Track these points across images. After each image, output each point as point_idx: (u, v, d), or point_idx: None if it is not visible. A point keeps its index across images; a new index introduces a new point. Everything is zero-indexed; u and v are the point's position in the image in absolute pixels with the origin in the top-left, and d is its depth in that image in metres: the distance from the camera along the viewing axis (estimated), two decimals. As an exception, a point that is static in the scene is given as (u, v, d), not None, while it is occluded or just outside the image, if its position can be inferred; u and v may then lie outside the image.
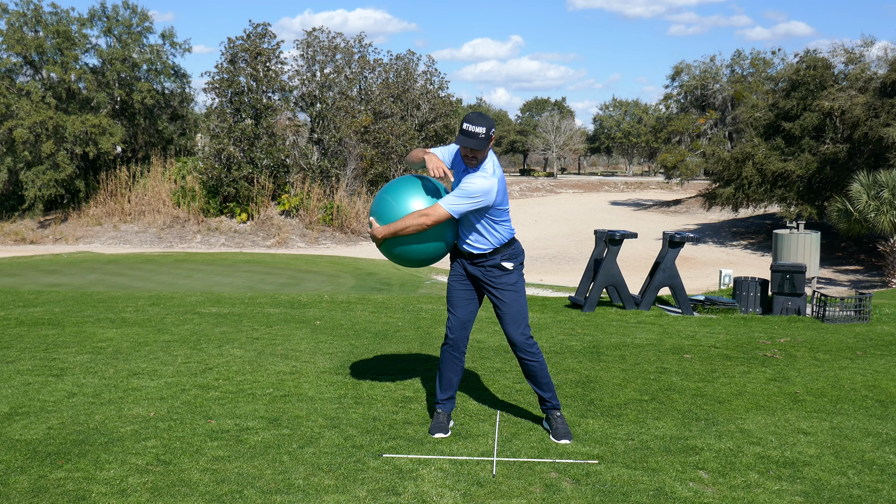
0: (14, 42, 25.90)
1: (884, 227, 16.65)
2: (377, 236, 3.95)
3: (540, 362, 4.02)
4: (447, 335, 4.10)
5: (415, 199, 3.96)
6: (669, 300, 9.05)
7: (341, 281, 15.29)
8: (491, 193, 3.83)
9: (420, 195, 3.98)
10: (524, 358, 4.02)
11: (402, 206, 3.95)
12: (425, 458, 3.65)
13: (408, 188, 4.01)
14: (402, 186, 4.03)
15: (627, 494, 3.28)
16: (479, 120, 3.80)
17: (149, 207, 26.14)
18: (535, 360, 4.01)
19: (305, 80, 28.48)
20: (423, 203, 3.95)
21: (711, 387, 5.06)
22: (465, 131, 3.78)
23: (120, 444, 3.80)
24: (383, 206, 3.99)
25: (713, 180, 30.33)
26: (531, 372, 4.04)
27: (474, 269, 4.02)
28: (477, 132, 3.77)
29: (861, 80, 24.89)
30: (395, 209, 3.95)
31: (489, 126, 3.81)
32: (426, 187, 4.02)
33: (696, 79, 41.62)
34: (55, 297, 9.26)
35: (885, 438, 4.09)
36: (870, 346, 6.59)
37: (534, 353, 4.01)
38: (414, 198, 3.97)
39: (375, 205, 4.06)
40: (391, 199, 4.00)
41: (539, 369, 4.02)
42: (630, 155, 77.04)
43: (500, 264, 3.98)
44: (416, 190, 4.00)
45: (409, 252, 4.01)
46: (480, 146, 3.78)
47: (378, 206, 4.03)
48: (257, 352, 5.92)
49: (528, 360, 4.01)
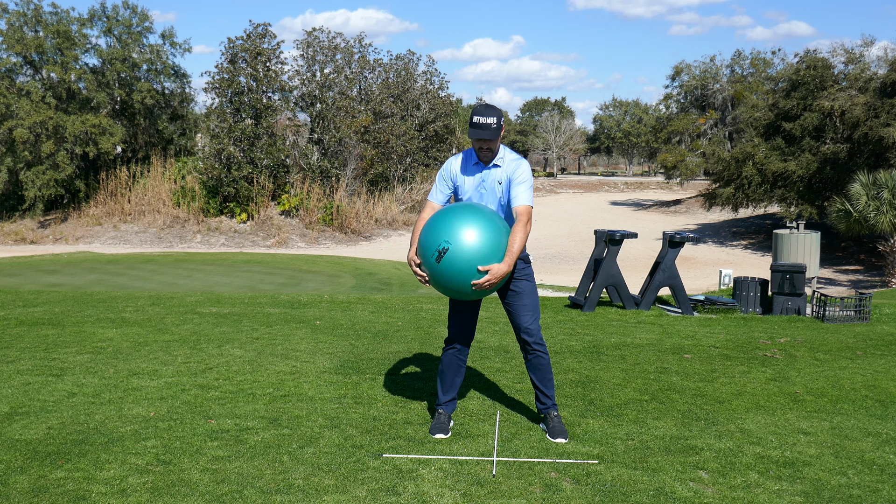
0: (14, 42, 25.90)
1: (884, 227, 16.65)
2: (507, 271, 3.66)
3: (548, 357, 4.03)
4: (453, 338, 4.05)
5: (496, 220, 3.72)
6: (669, 300, 9.05)
7: (341, 281, 15.29)
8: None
9: (491, 214, 3.74)
10: (537, 350, 3.98)
11: (499, 233, 3.67)
12: (425, 458, 3.65)
13: (465, 219, 3.66)
14: (459, 221, 3.66)
15: (627, 494, 3.28)
16: (488, 111, 3.78)
17: (149, 207, 26.13)
18: (545, 354, 4.01)
19: (305, 80, 28.48)
20: (486, 221, 3.67)
21: (711, 387, 5.06)
22: (476, 123, 3.76)
23: (120, 444, 3.80)
24: (490, 245, 3.61)
25: (713, 180, 30.31)
26: (540, 366, 4.01)
27: None
28: (488, 122, 3.75)
29: (861, 80, 24.88)
30: (500, 240, 3.66)
31: (499, 115, 3.79)
32: (481, 208, 3.77)
33: (696, 79, 41.61)
34: (55, 297, 9.26)
35: (885, 438, 4.09)
36: (870, 346, 6.59)
37: (544, 347, 4.01)
38: (494, 219, 3.71)
39: (478, 251, 3.59)
40: (490, 234, 3.63)
41: (547, 364, 4.02)
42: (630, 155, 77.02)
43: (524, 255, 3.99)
44: (484, 213, 3.72)
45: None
46: (493, 136, 3.76)
47: (483, 248, 3.60)
48: (257, 352, 5.92)
49: (540, 352, 3.98)
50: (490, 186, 3.91)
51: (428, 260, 3.68)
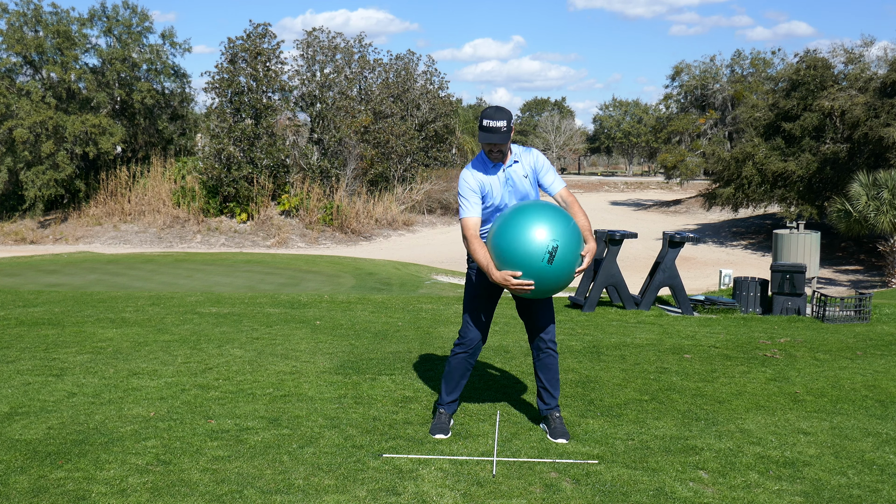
0: (14, 42, 25.90)
1: (884, 227, 16.65)
2: (595, 248, 3.78)
3: (557, 357, 4.07)
4: (466, 343, 4.01)
5: (553, 205, 3.75)
6: (669, 300, 9.05)
7: (341, 281, 15.29)
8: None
9: (542, 202, 3.77)
10: (550, 349, 4.01)
11: (567, 219, 3.71)
12: (425, 458, 3.65)
13: (528, 215, 3.68)
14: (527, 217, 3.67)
15: (627, 494, 3.28)
16: (498, 114, 3.77)
17: (149, 207, 26.14)
18: (556, 354, 4.05)
19: (305, 80, 28.48)
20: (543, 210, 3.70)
21: (711, 387, 5.06)
22: (487, 127, 3.75)
23: (120, 444, 3.80)
24: (571, 234, 3.65)
25: (713, 180, 30.32)
26: (550, 366, 4.03)
27: None
28: (499, 126, 3.75)
29: (861, 80, 24.89)
30: (573, 225, 3.70)
31: (508, 118, 3.79)
32: (534, 202, 3.80)
33: (696, 79, 41.61)
34: (55, 297, 9.26)
35: (885, 438, 4.09)
36: (870, 346, 6.59)
37: (556, 346, 4.06)
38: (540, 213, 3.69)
39: (578, 238, 3.68)
40: (567, 219, 3.69)
41: (557, 365, 4.05)
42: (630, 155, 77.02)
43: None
44: (530, 211, 3.72)
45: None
46: (504, 140, 3.77)
47: (577, 233, 3.68)
48: (257, 352, 5.92)
49: (553, 351, 4.02)
50: (517, 182, 3.91)
51: (537, 267, 3.62)
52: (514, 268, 3.64)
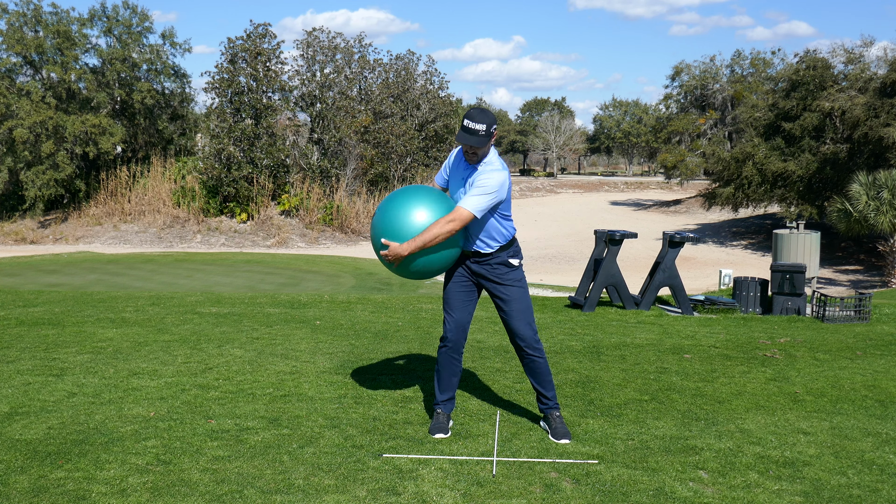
0: (14, 42, 25.90)
1: (884, 227, 16.66)
2: (403, 254, 3.70)
3: (544, 360, 4.03)
4: (445, 337, 4.06)
5: (427, 209, 3.77)
6: (669, 300, 9.05)
7: (341, 281, 15.29)
8: (505, 186, 3.79)
9: (430, 204, 3.79)
10: (531, 354, 3.99)
11: (418, 219, 3.73)
12: (425, 458, 3.65)
13: (415, 199, 3.79)
14: (408, 198, 3.80)
15: (627, 494, 3.28)
16: (480, 116, 3.75)
17: (149, 207, 26.14)
18: (540, 357, 4.00)
19: (305, 80, 28.48)
20: (434, 211, 3.77)
21: (711, 387, 5.06)
22: (466, 128, 3.75)
23: (120, 444, 3.80)
24: (398, 223, 3.73)
25: (713, 180, 30.33)
26: (536, 369, 4.02)
27: (480, 268, 3.98)
28: (477, 129, 3.73)
29: (861, 80, 24.89)
30: (413, 223, 3.72)
31: (490, 122, 3.76)
32: (431, 195, 3.85)
33: (696, 79, 41.62)
34: (55, 297, 9.26)
35: (885, 438, 4.09)
36: (870, 346, 6.59)
37: (540, 350, 4.01)
38: (426, 207, 3.77)
39: (385, 223, 3.77)
40: (404, 214, 3.74)
41: (543, 367, 4.02)
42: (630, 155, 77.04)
43: (507, 261, 3.96)
44: (423, 199, 3.80)
45: (431, 263, 3.78)
46: (480, 143, 3.74)
47: (390, 223, 3.75)
48: (257, 352, 5.92)
49: (535, 356, 3.99)
50: (466, 187, 3.92)
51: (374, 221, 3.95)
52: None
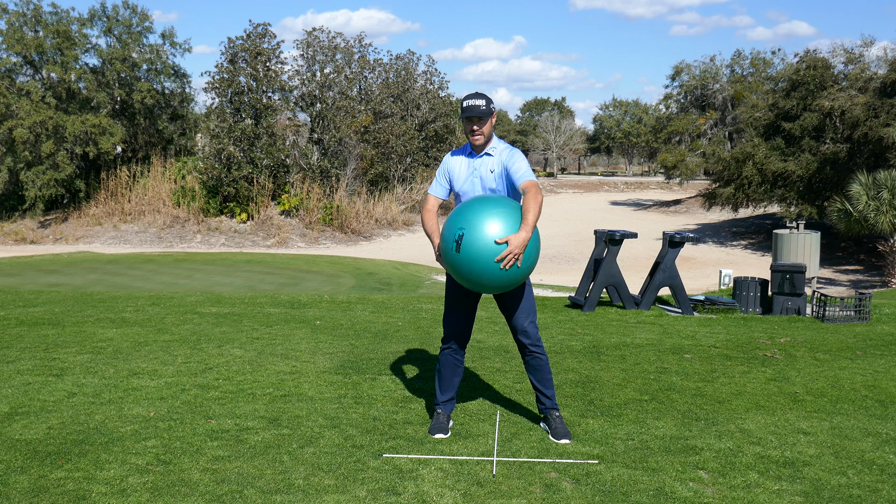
0: (14, 42, 25.91)
1: (884, 227, 16.65)
2: (527, 238, 3.57)
3: (546, 358, 4.03)
4: (448, 339, 4.05)
5: (497, 205, 3.69)
6: (669, 300, 9.05)
7: (341, 281, 15.29)
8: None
9: (494, 202, 3.73)
10: (534, 352, 3.98)
11: (510, 206, 3.68)
12: (425, 458, 3.65)
13: (480, 207, 3.69)
14: (476, 209, 3.68)
15: (627, 494, 3.28)
16: (477, 95, 3.90)
17: (149, 207, 26.14)
18: (543, 355, 4.01)
19: (305, 80, 28.48)
20: (500, 203, 3.69)
21: (711, 387, 5.06)
22: (465, 107, 3.86)
23: (120, 444, 3.80)
24: (504, 218, 3.60)
25: (713, 180, 30.31)
26: (538, 367, 4.01)
27: None
28: (477, 104, 3.85)
29: (861, 80, 24.88)
30: (512, 213, 3.64)
31: (488, 99, 3.89)
32: (483, 199, 3.77)
33: (696, 79, 41.60)
34: (55, 297, 9.26)
35: (885, 438, 4.09)
36: (870, 346, 6.59)
37: (542, 348, 4.01)
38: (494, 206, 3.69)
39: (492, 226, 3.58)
40: (500, 209, 3.65)
41: (545, 365, 4.02)
42: (630, 155, 77.01)
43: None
44: (491, 197, 3.76)
45: (536, 247, 3.68)
46: (482, 115, 3.83)
47: (498, 223, 3.59)
48: (257, 352, 5.92)
49: (537, 353, 3.99)
50: (483, 174, 3.92)
51: (449, 255, 3.68)
52: (442, 249, 3.75)
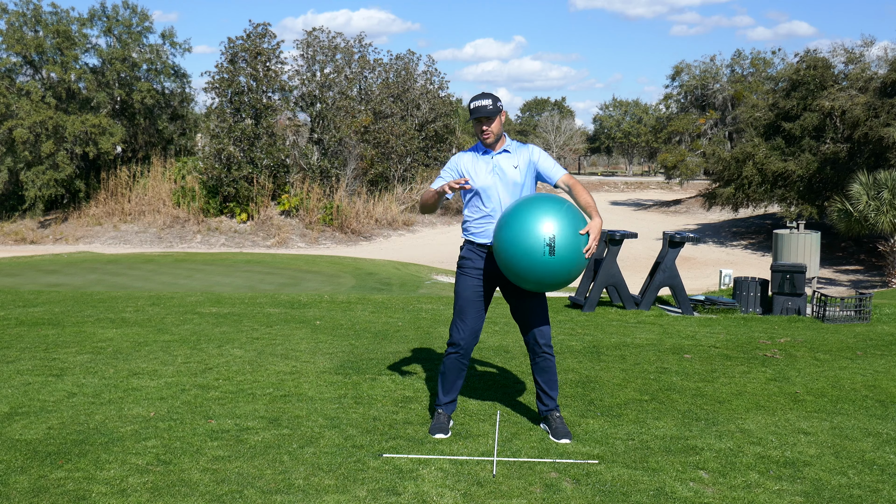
0: (14, 42, 25.90)
1: (884, 227, 16.65)
2: (601, 226, 3.66)
3: (554, 360, 4.05)
4: (456, 342, 4.00)
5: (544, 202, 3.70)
6: (669, 300, 9.05)
7: (341, 281, 15.29)
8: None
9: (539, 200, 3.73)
10: (546, 353, 3.99)
11: (564, 201, 3.70)
12: (425, 458, 3.65)
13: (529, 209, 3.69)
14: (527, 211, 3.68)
15: (627, 494, 3.28)
16: (484, 95, 3.93)
17: (149, 207, 26.14)
18: (552, 356, 4.03)
19: (305, 80, 28.48)
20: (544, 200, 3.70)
21: (711, 387, 5.06)
22: (473, 108, 3.89)
23: (120, 444, 3.80)
24: (566, 220, 3.60)
25: (713, 180, 30.30)
26: (547, 368, 4.01)
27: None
28: (484, 104, 3.88)
29: (861, 80, 24.88)
30: (567, 210, 3.64)
31: (495, 98, 3.91)
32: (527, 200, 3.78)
33: (696, 79, 41.59)
34: (55, 297, 9.26)
35: (885, 438, 4.09)
36: (870, 346, 6.59)
37: (552, 349, 4.04)
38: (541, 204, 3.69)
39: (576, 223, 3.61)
40: (563, 204, 3.67)
41: (553, 367, 4.04)
42: (630, 155, 77.00)
43: None
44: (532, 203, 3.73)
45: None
46: (490, 114, 3.86)
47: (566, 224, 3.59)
48: (257, 352, 5.92)
49: (548, 354, 4.00)
50: (505, 169, 3.93)
51: (541, 262, 3.60)
52: (517, 266, 3.65)
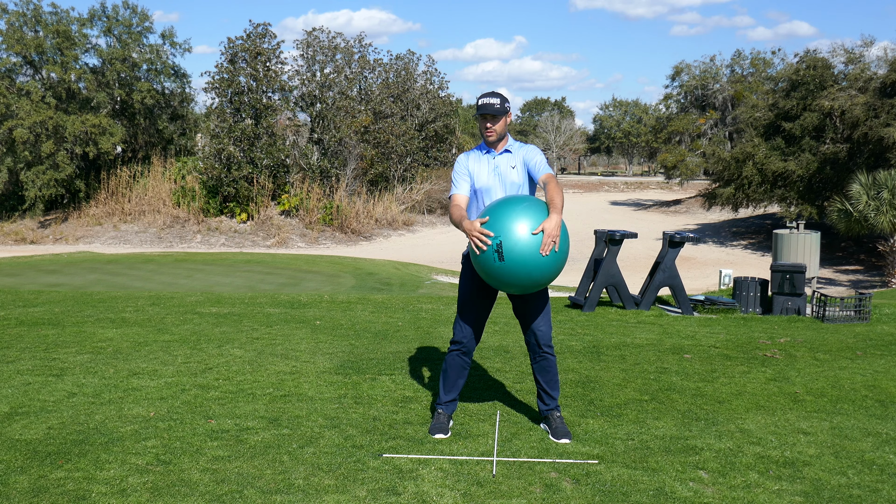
0: (14, 42, 25.91)
1: (884, 227, 16.65)
2: (559, 221, 3.61)
3: (555, 359, 4.06)
4: (459, 341, 4.02)
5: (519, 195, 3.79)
6: (669, 300, 9.05)
7: (341, 281, 15.29)
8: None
9: (511, 195, 3.82)
10: (547, 353, 4.00)
11: (530, 200, 3.73)
12: (425, 458, 3.65)
13: (504, 201, 3.76)
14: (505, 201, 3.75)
15: (627, 494, 3.28)
16: (492, 94, 3.97)
17: (149, 207, 26.15)
18: (553, 356, 4.04)
19: (305, 80, 28.49)
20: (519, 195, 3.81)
21: (711, 387, 5.06)
22: (481, 105, 3.93)
23: (120, 444, 3.80)
24: (531, 212, 3.63)
25: (713, 180, 30.32)
26: (548, 368, 4.02)
27: None
28: (492, 102, 3.92)
29: (861, 80, 24.89)
30: (535, 205, 3.69)
31: (503, 98, 3.95)
32: (503, 198, 3.82)
33: (696, 79, 41.61)
34: (55, 297, 9.26)
35: (885, 438, 4.09)
36: (870, 346, 6.59)
37: (553, 349, 4.05)
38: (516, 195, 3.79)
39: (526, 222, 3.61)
40: (523, 204, 3.69)
41: (554, 367, 4.05)
42: (630, 155, 77.03)
43: None
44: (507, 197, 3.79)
45: (566, 240, 3.70)
46: (497, 113, 3.90)
47: (529, 217, 3.61)
48: (257, 352, 5.92)
49: (549, 354, 4.01)
50: (504, 171, 3.96)
51: (492, 267, 3.62)
52: (483, 274, 3.72)
